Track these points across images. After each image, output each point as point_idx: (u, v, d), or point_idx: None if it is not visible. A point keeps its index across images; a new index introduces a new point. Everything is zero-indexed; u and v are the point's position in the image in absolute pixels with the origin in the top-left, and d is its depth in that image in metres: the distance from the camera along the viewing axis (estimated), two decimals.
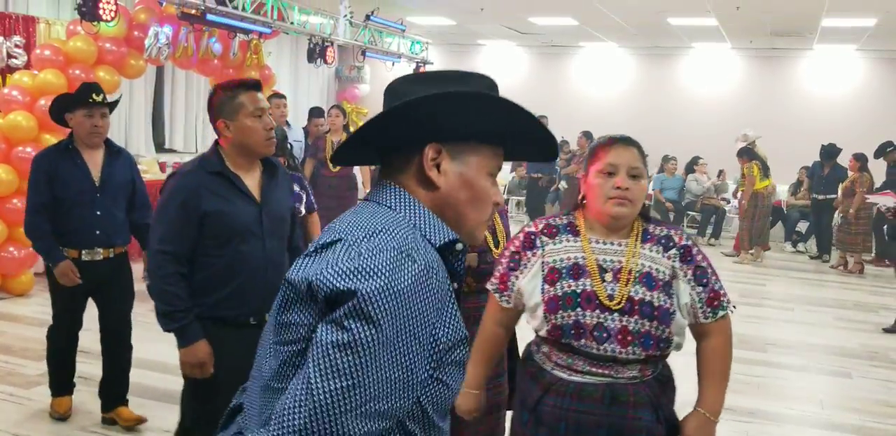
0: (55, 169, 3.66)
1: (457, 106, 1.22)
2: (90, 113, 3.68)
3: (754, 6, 9.26)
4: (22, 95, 6.30)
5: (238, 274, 2.64)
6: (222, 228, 2.61)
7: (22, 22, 8.02)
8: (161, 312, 2.61)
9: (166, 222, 2.61)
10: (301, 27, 9.20)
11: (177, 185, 2.63)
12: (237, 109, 2.61)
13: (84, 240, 3.73)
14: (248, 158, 2.69)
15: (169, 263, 2.59)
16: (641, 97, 13.88)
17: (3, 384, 4.42)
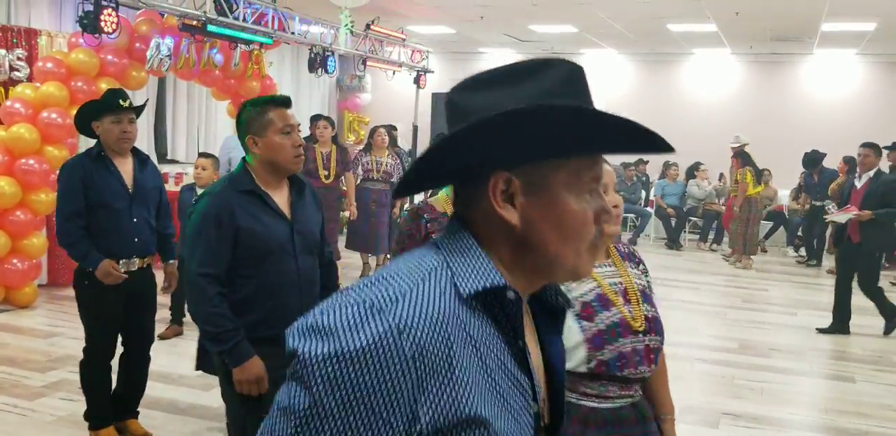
0: (90, 176, 3.59)
1: (535, 125, 0.94)
2: (118, 119, 3.62)
3: (754, 11, 9.28)
4: (24, 108, 6.34)
5: (273, 293, 2.63)
6: (256, 246, 2.59)
7: (24, 35, 8.06)
8: (210, 336, 2.58)
9: (203, 244, 2.57)
10: (302, 37, 9.24)
11: (208, 205, 2.60)
12: (266, 125, 2.59)
13: (123, 248, 3.67)
14: (276, 176, 2.68)
15: (211, 286, 2.56)
16: (642, 103, 13.89)
17: (6, 396, 4.43)
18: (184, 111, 11.42)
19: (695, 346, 6.10)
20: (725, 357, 5.81)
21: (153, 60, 7.02)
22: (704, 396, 4.99)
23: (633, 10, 9.56)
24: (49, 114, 6.33)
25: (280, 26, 8.55)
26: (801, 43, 11.76)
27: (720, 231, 11.69)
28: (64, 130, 6.38)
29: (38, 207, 6.42)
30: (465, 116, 0.98)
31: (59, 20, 9.01)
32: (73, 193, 3.58)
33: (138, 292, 3.77)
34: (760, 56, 13.17)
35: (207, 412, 4.31)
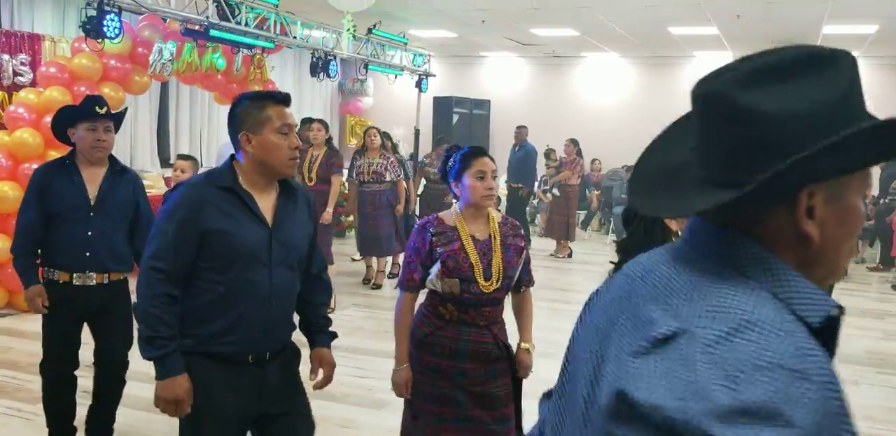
0: (49, 184, 3.44)
1: (881, 136, 0.84)
2: (93, 126, 3.46)
3: (755, 14, 9.30)
4: (28, 113, 6.36)
5: (238, 304, 2.37)
6: (224, 250, 2.35)
7: (27, 40, 8.11)
8: (143, 337, 2.33)
9: (163, 235, 2.36)
10: (304, 41, 9.26)
11: (180, 196, 2.39)
12: (263, 122, 2.39)
13: (74, 262, 3.46)
14: (266, 178, 2.45)
15: (160, 283, 2.32)
16: (644, 106, 13.91)
17: (10, 400, 4.44)
18: (186, 115, 11.46)
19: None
20: None
21: (156, 65, 7.04)
22: None
23: (634, 13, 9.58)
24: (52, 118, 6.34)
25: (282, 31, 8.58)
26: None
27: None
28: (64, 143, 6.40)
29: None
30: (753, 120, 0.86)
31: (63, 25, 9.06)
32: (28, 201, 3.48)
33: (98, 311, 3.54)
34: None
35: None
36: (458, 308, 2.88)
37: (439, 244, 2.88)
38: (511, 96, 14.82)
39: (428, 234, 2.89)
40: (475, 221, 2.95)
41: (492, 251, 2.91)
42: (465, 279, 2.84)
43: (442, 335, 2.89)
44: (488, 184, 2.88)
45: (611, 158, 13.41)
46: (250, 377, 2.42)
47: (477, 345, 2.89)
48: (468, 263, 2.85)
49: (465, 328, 2.89)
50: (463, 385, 2.89)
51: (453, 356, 2.88)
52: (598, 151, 13.66)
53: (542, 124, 13.52)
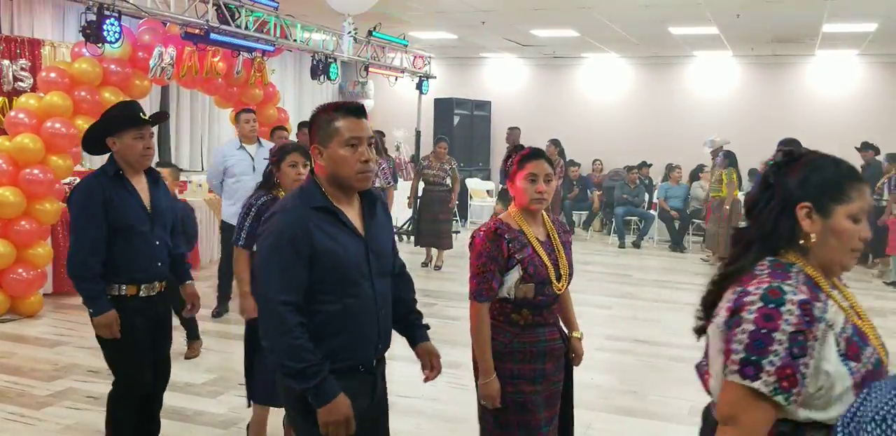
0: (110, 198, 3.27)
1: None
2: (140, 134, 3.32)
3: (755, 13, 9.30)
4: (28, 118, 6.36)
5: (350, 321, 2.36)
6: (333, 269, 2.31)
7: (27, 45, 8.12)
8: (293, 372, 2.24)
9: (281, 268, 2.27)
10: (304, 44, 9.27)
11: (281, 223, 2.31)
12: (332, 135, 2.32)
13: (147, 274, 3.38)
14: (343, 191, 2.39)
15: (292, 315, 2.25)
16: (645, 106, 13.92)
17: (13, 405, 4.44)
18: (187, 119, 11.47)
19: (700, 348, 6.06)
20: None
21: (156, 69, 7.05)
22: (710, 398, 4.98)
23: (634, 13, 9.58)
24: (53, 123, 6.35)
25: (282, 34, 8.58)
26: (803, 44, 11.76)
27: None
28: (68, 139, 6.41)
29: (43, 216, 6.45)
30: None
31: (63, 30, 9.07)
32: (93, 218, 3.26)
33: (160, 319, 3.50)
34: (762, 58, 13.18)
35: (214, 420, 4.32)
36: (533, 312, 2.85)
37: (515, 250, 2.82)
38: (512, 97, 14.83)
39: (504, 241, 2.81)
40: (534, 222, 2.93)
41: (555, 251, 2.91)
42: (540, 283, 2.81)
43: (520, 342, 2.86)
44: (539, 187, 2.84)
45: (612, 158, 13.42)
46: (363, 384, 2.44)
47: (552, 343, 2.92)
48: (544, 266, 2.83)
49: (541, 329, 2.89)
50: (543, 387, 2.89)
51: (534, 359, 2.87)
52: (600, 152, 13.66)
53: (542, 125, 13.52)
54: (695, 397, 4.90)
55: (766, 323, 1.60)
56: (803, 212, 1.73)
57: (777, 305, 1.61)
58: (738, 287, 1.71)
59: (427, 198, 9.05)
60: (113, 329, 3.26)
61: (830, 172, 1.75)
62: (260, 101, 8.72)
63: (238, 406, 4.48)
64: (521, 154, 2.91)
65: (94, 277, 3.26)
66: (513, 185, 2.90)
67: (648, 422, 4.53)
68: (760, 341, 1.59)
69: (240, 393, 4.75)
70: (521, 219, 2.90)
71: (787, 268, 1.72)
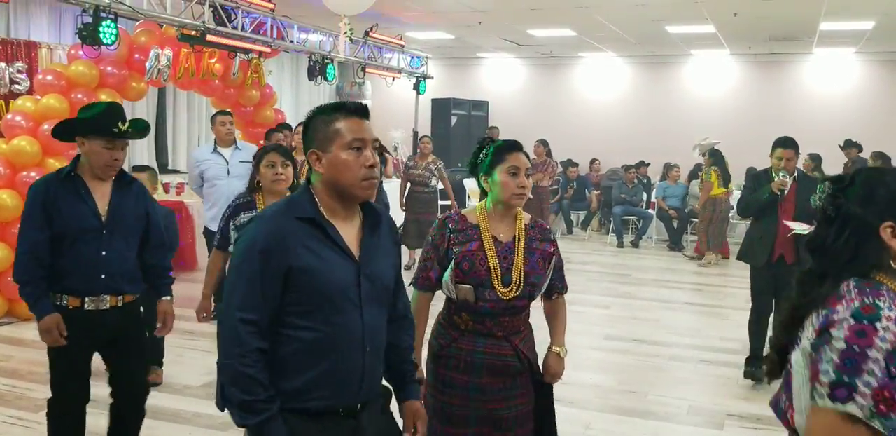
0: (54, 200, 3.09)
1: None
2: (111, 145, 3.11)
3: (752, 12, 9.30)
4: (25, 121, 6.36)
5: (329, 353, 2.04)
6: (311, 291, 2.02)
7: (24, 48, 8.12)
8: (236, 403, 1.98)
9: (246, 280, 2.00)
10: (301, 45, 9.27)
11: (255, 232, 2.05)
12: (331, 137, 2.06)
13: (87, 286, 3.14)
14: (342, 202, 2.11)
15: (252, 337, 1.97)
16: (642, 106, 13.92)
17: (11, 408, 4.44)
18: (184, 121, 11.48)
19: (699, 347, 6.09)
20: (730, 358, 5.79)
21: (152, 71, 7.04)
22: (709, 397, 4.98)
23: (631, 12, 9.58)
24: (50, 126, 6.33)
25: (279, 35, 8.58)
26: (800, 42, 11.77)
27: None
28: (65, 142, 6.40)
29: None
30: None
31: (59, 33, 9.07)
32: (33, 220, 3.10)
33: (117, 335, 3.25)
34: (759, 56, 13.19)
35: (213, 422, 4.30)
36: (474, 317, 2.66)
37: (456, 243, 2.67)
38: (509, 97, 14.83)
39: (447, 230, 2.69)
40: (501, 220, 2.73)
41: (513, 254, 2.68)
42: (480, 285, 2.61)
43: (457, 347, 2.68)
44: (521, 181, 2.65)
45: (610, 157, 13.42)
46: (341, 431, 2.11)
47: (494, 357, 2.67)
48: (485, 266, 2.62)
49: (482, 339, 2.67)
50: (478, 402, 2.67)
51: (468, 370, 2.67)
52: (597, 151, 13.66)
53: (540, 125, 13.52)
54: (693, 396, 4.92)
55: (859, 340, 1.43)
56: (888, 232, 1.55)
57: (871, 320, 1.44)
58: (823, 310, 1.54)
59: (412, 198, 8.77)
60: (54, 334, 3.07)
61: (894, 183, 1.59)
62: (257, 102, 8.72)
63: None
64: (498, 146, 2.71)
65: (35, 281, 3.10)
66: (489, 178, 2.70)
67: (647, 422, 4.52)
68: (853, 359, 1.42)
69: None
70: (485, 214, 2.73)
71: (877, 286, 1.53)
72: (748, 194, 5.33)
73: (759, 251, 5.23)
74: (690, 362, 5.70)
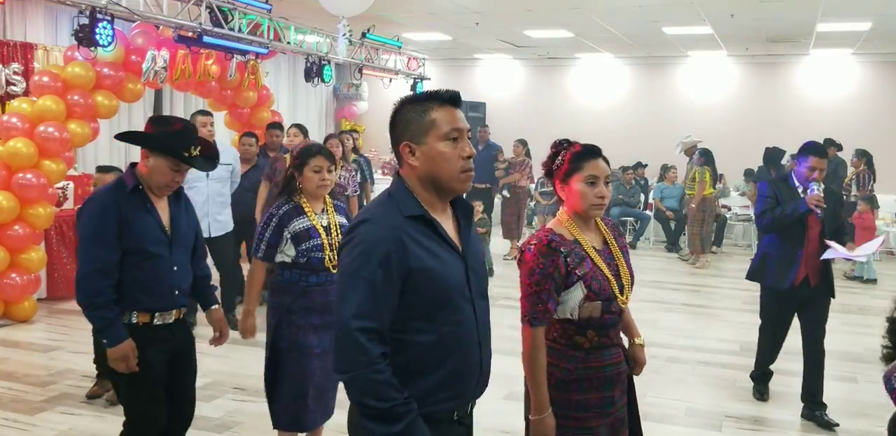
0: (126, 215, 2.94)
1: None
2: (178, 167, 3.00)
3: (749, 13, 9.31)
4: (21, 122, 6.34)
5: (451, 354, 1.97)
6: (432, 292, 1.94)
7: (20, 49, 8.10)
8: (374, 414, 1.86)
9: (364, 288, 1.87)
10: (298, 47, 9.25)
11: (370, 237, 1.91)
12: (426, 128, 1.97)
13: (161, 303, 3.04)
14: (438, 196, 2.02)
15: (374, 344, 1.86)
16: (639, 107, 13.92)
17: (7, 411, 4.42)
18: None
19: (696, 349, 6.08)
20: (727, 360, 5.79)
21: (149, 72, 7.03)
22: (707, 399, 4.98)
23: (627, 13, 9.58)
24: (46, 128, 6.33)
25: (276, 36, 8.56)
26: (797, 44, 11.78)
27: (720, 233, 11.68)
28: (61, 143, 6.39)
29: (36, 221, 6.42)
30: None
31: (55, 34, 9.03)
32: (107, 237, 2.92)
33: (178, 350, 3.14)
34: (756, 57, 13.20)
35: (209, 424, 4.30)
36: (600, 332, 2.51)
37: (574, 265, 2.46)
38: (506, 99, 14.83)
39: (561, 255, 2.44)
40: (588, 228, 2.57)
41: (615, 259, 2.57)
42: (607, 299, 2.48)
43: (586, 368, 2.50)
44: (601, 191, 2.48)
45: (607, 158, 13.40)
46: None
47: (618, 366, 2.58)
48: (607, 280, 2.49)
49: (607, 352, 2.54)
50: (609, 416, 2.55)
51: (601, 386, 2.53)
52: None
53: (537, 126, 13.52)
54: (691, 398, 4.91)
55: None
56: None
57: None
58: None
59: None
60: (130, 362, 2.92)
61: None
62: (254, 103, 8.70)
63: (234, 411, 4.46)
64: (576, 152, 2.53)
65: (107, 303, 2.92)
66: (565, 187, 2.53)
67: (645, 424, 4.48)
68: None
69: (235, 397, 4.74)
70: (575, 226, 2.54)
71: None
72: (768, 207, 4.55)
73: (781, 272, 4.58)
74: (688, 364, 5.70)
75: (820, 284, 4.57)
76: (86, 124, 6.63)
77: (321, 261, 3.45)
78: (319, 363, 3.44)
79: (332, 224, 3.55)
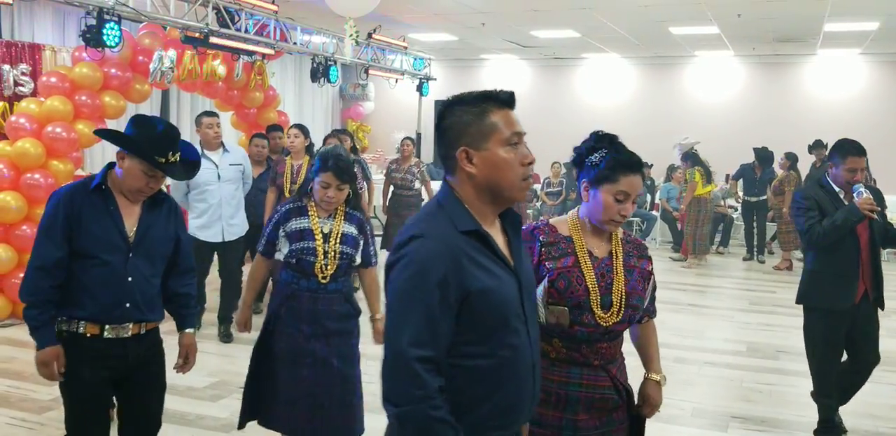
0: (79, 214, 2.72)
1: None
2: (152, 173, 2.75)
3: (756, 13, 9.29)
4: (29, 123, 6.37)
5: (505, 382, 1.80)
6: (490, 313, 1.77)
7: (28, 50, 8.14)
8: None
9: (423, 315, 1.69)
10: (304, 47, 9.27)
11: (426, 255, 1.72)
12: (488, 133, 1.79)
13: (109, 313, 2.76)
14: (494, 207, 1.85)
15: (431, 376, 1.68)
16: (646, 107, 13.91)
17: (15, 410, 4.45)
18: (188, 123, 11.46)
19: (703, 349, 6.08)
20: (734, 360, 5.78)
21: (156, 73, 7.05)
22: (713, 399, 4.98)
23: (634, 13, 9.58)
24: (54, 128, 6.36)
25: (282, 37, 8.59)
26: (805, 44, 11.75)
27: (727, 233, 11.66)
28: (68, 143, 6.42)
29: None
30: None
31: (63, 35, 9.08)
32: (52, 234, 2.72)
33: (135, 367, 2.86)
34: (763, 57, 13.17)
35: (215, 424, 4.31)
36: (567, 344, 2.30)
37: (548, 258, 2.30)
38: None
39: (537, 242, 2.32)
40: (595, 234, 2.38)
41: (612, 273, 2.34)
42: (576, 306, 2.27)
43: (547, 379, 2.25)
44: (626, 209, 2.30)
45: None
46: None
47: (591, 390, 2.32)
48: (583, 285, 2.28)
49: (576, 369, 2.31)
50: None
51: (561, 405, 2.30)
52: None
53: (543, 126, 13.50)
54: (698, 398, 4.91)
55: None
56: None
57: None
58: None
59: (394, 202, 8.51)
60: (51, 369, 2.70)
61: None
62: (260, 104, 8.72)
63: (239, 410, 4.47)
64: (618, 159, 2.31)
65: (43, 303, 2.71)
66: (592, 189, 2.34)
67: (651, 424, 4.47)
68: None
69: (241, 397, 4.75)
70: (577, 227, 2.38)
71: None
72: (814, 221, 3.96)
73: (839, 290, 4.05)
74: (694, 364, 5.69)
75: (876, 298, 4.11)
76: (93, 125, 6.65)
77: (311, 265, 3.38)
78: (310, 373, 3.40)
79: (335, 232, 3.44)
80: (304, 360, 3.40)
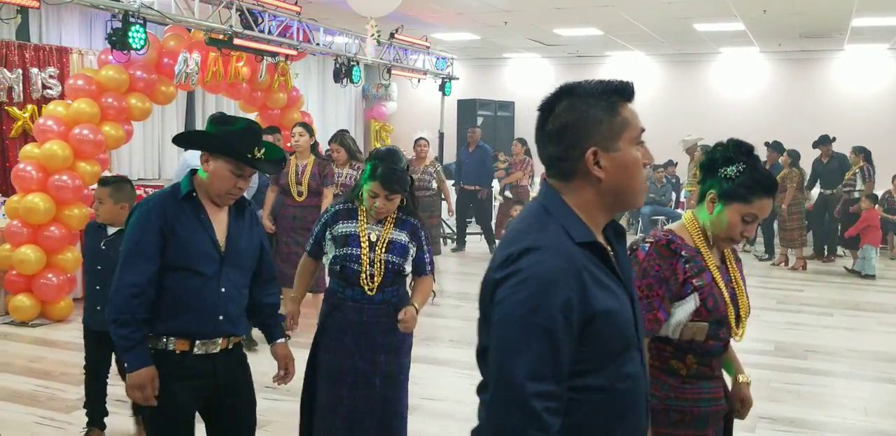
0: (172, 225, 2.58)
1: None
2: (240, 172, 2.61)
3: (781, 8, 9.18)
4: (57, 125, 6.44)
5: (622, 419, 1.54)
6: (612, 339, 1.50)
7: (55, 53, 8.25)
8: None
9: (542, 340, 1.41)
10: (327, 48, 9.31)
11: (545, 270, 1.43)
12: (619, 130, 1.57)
13: (203, 327, 2.62)
14: (609, 214, 1.61)
15: (553, 418, 1.40)
16: (670, 104, 13.79)
17: (43, 409, 4.50)
18: None
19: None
20: (761, 360, 5.72)
21: (181, 75, 7.11)
22: None
23: (658, 10, 9.51)
24: (81, 130, 6.42)
25: (305, 38, 8.62)
26: (831, 39, 11.60)
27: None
28: (95, 145, 6.49)
29: (72, 222, 6.52)
30: None
31: (90, 38, 9.20)
32: (144, 247, 2.56)
33: (223, 383, 2.71)
34: (790, 54, 13.02)
35: None
36: (700, 359, 2.18)
37: (692, 275, 2.13)
38: (536, 98, 14.30)
39: (680, 260, 2.14)
40: (709, 243, 2.26)
41: (732, 282, 2.23)
42: (717, 322, 2.15)
43: (679, 398, 2.15)
44: (749, 231, 2.19)
45: None
46: None
47: (716, 403, 2.24)
48: (724, 301, 2.16)
49: (705, 384, 2.21)
50: None
51: (694, 423, 2.18)
52: None
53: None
54: None
55: None
56: None
57: None
58: None
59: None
60: (147, 392, 2.53)
61: None
62: (284, 105, 8.77)
63: (266, 409, 4.48)
64: (757, 180, 2.17)
65: (135, 322, 2.54)
66: (719, 203, 2.20)
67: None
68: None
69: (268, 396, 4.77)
70: (700, 236, 2.23)
71: None
72: None
73: None
74: None
75: None
76: (120, 126, 6.72)
77: (356, 274, 3.20)
78: (349, 393, 3.23)
79: (382, 240, 3.24)
80: (345, 378, 3.23)
